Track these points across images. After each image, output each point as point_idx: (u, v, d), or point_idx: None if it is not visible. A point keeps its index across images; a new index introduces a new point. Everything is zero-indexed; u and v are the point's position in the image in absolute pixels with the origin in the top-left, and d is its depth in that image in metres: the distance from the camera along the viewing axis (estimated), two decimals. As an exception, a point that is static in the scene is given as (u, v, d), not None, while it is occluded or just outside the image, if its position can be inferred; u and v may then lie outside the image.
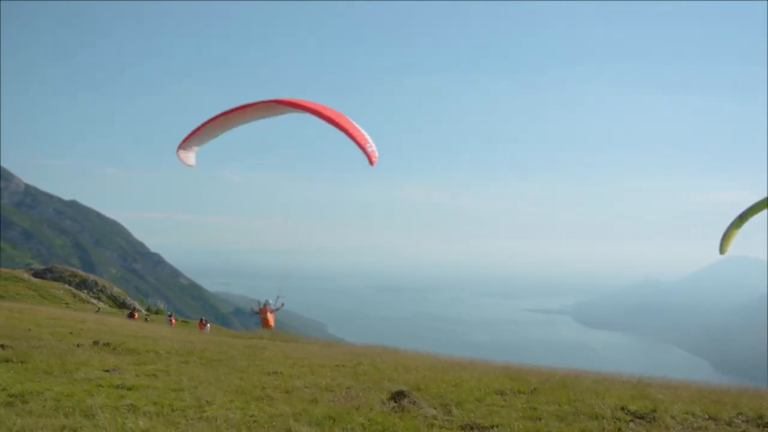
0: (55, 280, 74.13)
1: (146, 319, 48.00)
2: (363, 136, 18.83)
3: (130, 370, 13.47)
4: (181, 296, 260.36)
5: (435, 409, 11.05)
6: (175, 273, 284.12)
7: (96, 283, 76.93)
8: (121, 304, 71.85)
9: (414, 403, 11.08)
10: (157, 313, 68.45)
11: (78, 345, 16.91)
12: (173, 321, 49.49)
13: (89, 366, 13.46)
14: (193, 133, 20.78)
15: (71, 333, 21.18)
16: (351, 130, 18.67)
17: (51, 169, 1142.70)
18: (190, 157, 21.50)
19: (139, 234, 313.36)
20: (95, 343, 17.74)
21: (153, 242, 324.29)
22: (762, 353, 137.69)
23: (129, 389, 11.33)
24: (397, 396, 11.39)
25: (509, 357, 20.45)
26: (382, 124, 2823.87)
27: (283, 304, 32.18)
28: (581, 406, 11.39)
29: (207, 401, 10.73)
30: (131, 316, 46.30)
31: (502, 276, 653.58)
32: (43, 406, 9.69)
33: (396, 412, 10.55)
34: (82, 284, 75.42)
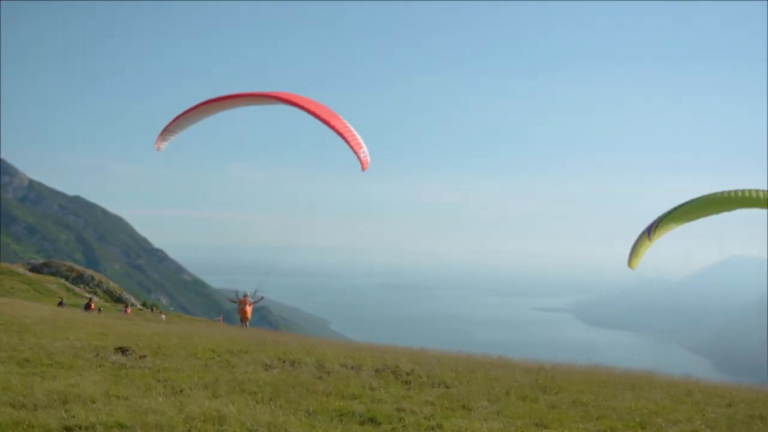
0: (52, 274, 74.32)
1: (99, 310, 45.77)
2: (357, 140, 18.71)
3: None
4: (185, 292, 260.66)
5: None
6: (178, 269, 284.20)
7: (92, 278, 77.27)
8: (117, 299, 72.14)
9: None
10: (152, 308, 68.15)
11: None
12: (92, 306, 46.33)
13: None
14: (178, 117, 20.42)
15: None
16: (345, 134, 18.46)
17: (55, 164, 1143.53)
18: (165, 143, 21.21)
19: (143, 230, 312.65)
20: None
21: (157, 239, 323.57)
22: (762, 353, 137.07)
23: None
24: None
25: (513, 355, 20.04)
26: (392, 124, 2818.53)
27: (262, 298, 32.16)
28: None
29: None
30: (87, 307, 44.94)
31: (508, 275, 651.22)
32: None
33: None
34: (79, 279, 75.74)
